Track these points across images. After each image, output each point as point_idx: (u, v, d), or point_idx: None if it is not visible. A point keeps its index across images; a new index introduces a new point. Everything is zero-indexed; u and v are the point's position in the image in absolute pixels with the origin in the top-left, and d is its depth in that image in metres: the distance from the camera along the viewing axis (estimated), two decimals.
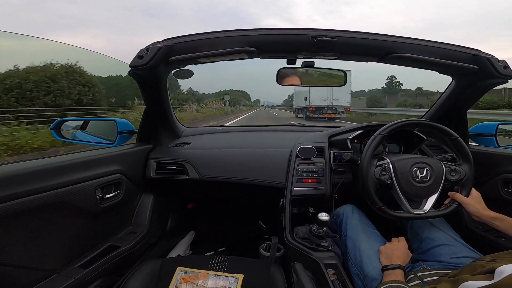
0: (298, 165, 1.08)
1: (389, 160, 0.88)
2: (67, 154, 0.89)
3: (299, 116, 16.60)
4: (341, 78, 1.09)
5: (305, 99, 14.73)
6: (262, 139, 1.37)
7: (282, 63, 1.00)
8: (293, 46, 0.87)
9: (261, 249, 1.11)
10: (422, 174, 0.84)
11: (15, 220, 0.65)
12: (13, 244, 0.66)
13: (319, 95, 13.81)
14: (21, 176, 0.67)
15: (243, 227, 1.61)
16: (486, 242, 0.91)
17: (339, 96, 13.76)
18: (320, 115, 13.69)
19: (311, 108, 13.91)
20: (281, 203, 1.06)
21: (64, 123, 1.21)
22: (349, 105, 14.37)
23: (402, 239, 0.83)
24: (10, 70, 6.74)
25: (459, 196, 0.83)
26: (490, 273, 0.46)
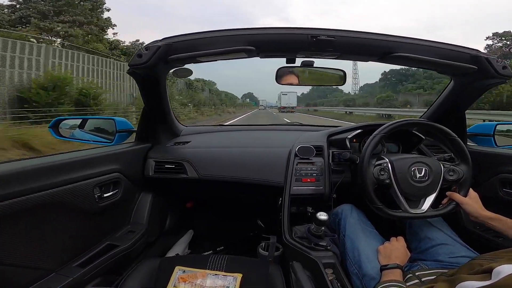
0: (297, 165, 1.08)
1: (388, 160, 0.88)
2: (66, 152, 0.88)
3: (280, 111, 32.25)
4: (340, 77, 1.09)
5: (279, 103, 34.21)
6: (261, 138, 1.37)
7: (281, 62, 1.01)
8: (293, 46, 0.87)
9: (260, 249, 1.11)
10: (421, 174, 0.85)
11: (13, 219, 0.65)
12: (11, 243, 0.66)
13: (284, 101, 31.77)
14: (19, 175, 0.66)
15: (241, 226, 1.61)
16: (484, 241, 0.92)
17: (292, 101, 32.02)
18: (285, 111, 29.61)
19: (281, 107, 32.02)
20: (280, 202, 1.06)
21: (63, 122, 1.20)
22: (296, 105, 33.29)
23: (400, 239, 0.83)
24: None
25: (457, 196, 0.83)
26: (487, 272, 0.46)
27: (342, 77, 1.09)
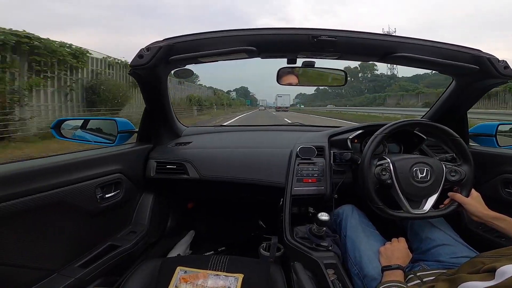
0: (298, 165, 1.08)
1: (389, 160, 0.87)
2: (68, 153, 0.89)
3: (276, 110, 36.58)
4: (341, 78, 1.09)
5: (276, 104, 40.04)
6: (262, 138, 1.37)
7: (282, 62, 1.01)
8: (294, 46, 0.87)
9: (261, 249, 1.11)
10: (422, 174, 0.84)
11: (15, 219, 0.65)
12: (13, 243, 0.66)
13: (280, 102, 38.07)
14: (21, 176, 0.67)
15: (243, 227, 1.61)
16: (486, 242, 0.91)
17: (286, 103, 38.81)
18: (281, 110, 33.46)
19: (277, 107, 37.32)
20: (281, 203, 1.06)
21: (64, 122, 1.20)
22: (289, 105, 40.20)
23: (402, 239, 0.83)
24: None
25: (459, 197, 0.83)
26: (490, 272, 0.46)
27: (343, 78, 1.09)
